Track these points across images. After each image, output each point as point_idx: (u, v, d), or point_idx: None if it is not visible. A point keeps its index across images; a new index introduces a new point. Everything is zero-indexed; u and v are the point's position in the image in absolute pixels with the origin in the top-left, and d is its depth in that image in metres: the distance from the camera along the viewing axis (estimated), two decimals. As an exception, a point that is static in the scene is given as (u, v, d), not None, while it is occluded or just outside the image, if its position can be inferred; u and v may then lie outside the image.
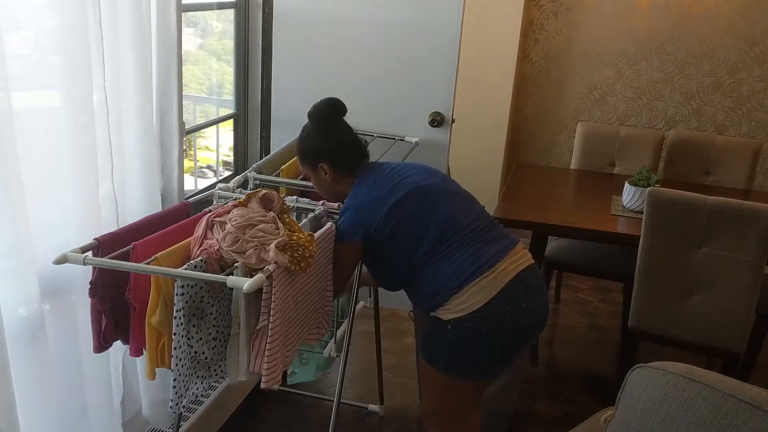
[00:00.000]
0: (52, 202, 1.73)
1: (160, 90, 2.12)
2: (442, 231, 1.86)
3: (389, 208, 1.86)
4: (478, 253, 1.85)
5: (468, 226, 1.89)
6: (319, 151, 1.97)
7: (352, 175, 1.98)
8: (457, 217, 1.90)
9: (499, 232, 1.95)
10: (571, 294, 4.06)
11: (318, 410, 2.81)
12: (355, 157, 2.00)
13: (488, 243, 1.89)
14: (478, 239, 1.88)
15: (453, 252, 1.85)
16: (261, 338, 1.64)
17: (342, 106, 1.99)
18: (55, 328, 1.77)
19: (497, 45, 4.05)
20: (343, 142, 1.98)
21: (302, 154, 2.02)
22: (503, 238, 1.93)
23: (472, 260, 1.84)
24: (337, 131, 1.99)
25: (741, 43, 3.97)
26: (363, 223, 1.88)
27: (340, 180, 1.99)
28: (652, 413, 1.38)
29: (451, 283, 1.83)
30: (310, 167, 2.00)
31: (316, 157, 1.98)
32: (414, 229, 1.87)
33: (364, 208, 1.90)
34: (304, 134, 2.01)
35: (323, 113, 1.97)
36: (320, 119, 1.98)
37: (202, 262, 1.62)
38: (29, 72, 1.66)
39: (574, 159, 3.77)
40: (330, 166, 1.97)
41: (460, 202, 1.96)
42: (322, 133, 1.98)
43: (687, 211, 2.50)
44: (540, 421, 2.86)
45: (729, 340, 2.59)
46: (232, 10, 2.89)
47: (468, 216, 1.92)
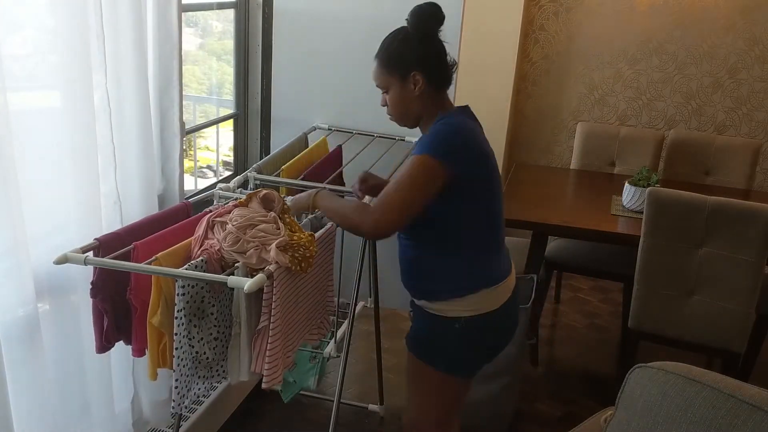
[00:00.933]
0: (53, 202, 1.73)
1: (161, 90, 2.12)
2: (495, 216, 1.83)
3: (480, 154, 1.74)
4: (500, 261, 1.86)
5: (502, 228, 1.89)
6: (417, 58, 1.74)
7: (441, 96, 1.79)
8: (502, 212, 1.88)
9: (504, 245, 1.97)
10: (571, 294, 4.07)
11: (318, 410, 2.81)
12: (449, 75, 1.80)
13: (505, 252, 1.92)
14: (501, 245, 1.89)
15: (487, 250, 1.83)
16: (262, 338, 1.64)
17: (443, 15, 1.76)
18: (56, 328, 1.77)
19: (497, 45, 4.05)
20: (441, 53, 1.77)
21: (394, 59, 1.76)
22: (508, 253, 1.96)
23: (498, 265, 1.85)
24: (437, 39, 1.77)
25: (741, 43, 3.97)
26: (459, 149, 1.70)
27: (427, 96, 1.77)
28: (652, 413, 1.38)
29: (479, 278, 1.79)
30: (399, 76, 1.76)
31: (412, 65, 1.74)
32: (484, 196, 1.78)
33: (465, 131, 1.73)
34: (400, 37, 1.77)
35: (429, 15, 1.74)
36: (425, 21, 1.74)
37: (203, 262, 1.62)
38: (29, 72, 1.66)
39: (574, 159, 3.77)
40: (424, 77, 1.74)
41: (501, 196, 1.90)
42: (424, 38, 1.75)
43: (687, 211, 2.50)
44: (540, 421, 2.86)
45: (729, 340, 2.59)
46: (232, 10, 2.89)
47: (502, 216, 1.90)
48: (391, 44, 1.78)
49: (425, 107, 1.79)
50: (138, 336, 1.72)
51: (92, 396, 1.90)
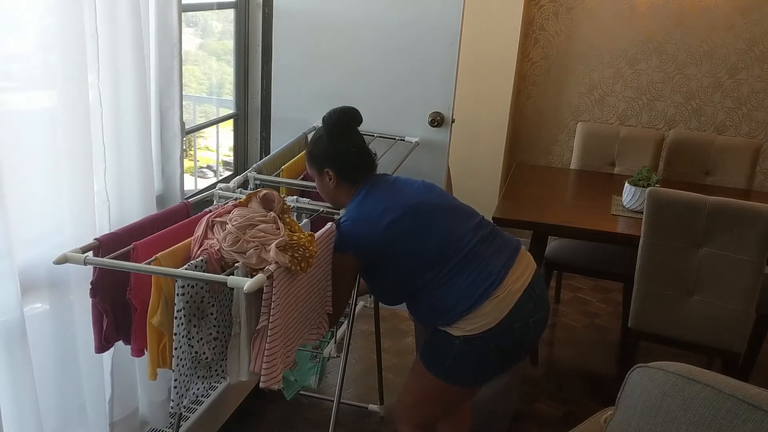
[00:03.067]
0: (46, 202, 1.72)
1: (161, 90, 2.12)
2: (442, 247, 1.85)
3: (386, 225, 1.85)
4: (485, 272, 1.83)
5: (469, 241, 1.87)
6: (327, 157, 1.96)
7: (354, 185, 1.97)
8: (455, 233, 1.87)
9: (501, 240, 1.93)
10: (571, 294, 4.07)
11: (318, 410, 2.81)
12: (361, 168, 1.98)
13: (493, 255, 1.87)
14: (481, 254, 1.86)
15: (460, 271, 1.83)
16: (261, 338, 1.64)
17: (357, 117, 1.98)
18: (53, 328, 1.77)
19: (497, 45, 4.05)
20: (351, 153, 1.97)
21: (310, 156, 2.00)
22: (506, 246, 1.92)
23: (481, 279, 1.82)
24: (348, 141, 1.97)
25: (741, 43, 3.97)
26: (360, 237, 1.87)
27: (342, 188, 1.97)
28: (652, 413, 1.38)
29: (462, 305, 1.82)
30: (316, 171, 1.99)
31: (322, 163, 1.96)
32: (411, 246, 1.86)
33: (361, 223, 1.89)
34: (315, 137, 2.01)
35: (337, 120, 1.96)
36: (333, 126, 1.96)
37: (203, 262, 1.62)
38: (22, 71, 1.66)
39: (574, 159, 3.77)
40: (335, 173, 1.95)
41: (457, 216, 1.94)
42: (333, 140, 1.96)
43: (687, 211, 2.50)
44: (540, 421, 2.86)
45: (729, 340, 2.59)
46: (232, 10, 2.89)
47: (467, 230, 1.89)
48: (311, 142, 2.02)
49: (344, 196, 1.98)
50: (137, 336, 1.72)
51: (87, 395, 1.89)
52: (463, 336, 1.84)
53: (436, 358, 1.93)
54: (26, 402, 1.64)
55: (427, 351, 1.97)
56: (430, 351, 1.96)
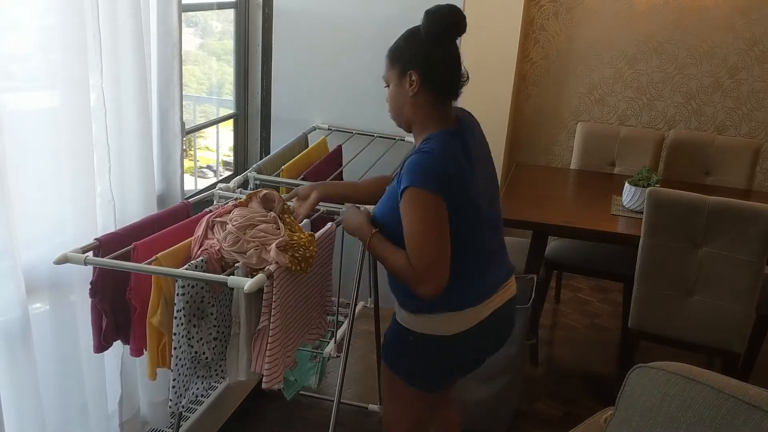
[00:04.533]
0: (49, 202, 1.73)
1: (161, 90, 2.12)
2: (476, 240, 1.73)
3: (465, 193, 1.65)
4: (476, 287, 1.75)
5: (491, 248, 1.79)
6: (419, 58, 1.66)
7: (437, 105, 1.70)
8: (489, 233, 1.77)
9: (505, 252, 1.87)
10: (571, 294, 4.07)
11: (318, 410, 2.81)
12: (452, 84, 1.70)
13: (497, 266, 1.81)
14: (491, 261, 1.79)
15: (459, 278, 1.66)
16: (262, 338, 1.64)
17: (463, 25, 1.67)
18: (53, 328, 1.77)
19: (497, 45, 4.05)
20: (451, 62, 1.69)
21: (397, 54, 1.70)
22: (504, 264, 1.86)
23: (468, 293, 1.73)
24: (448, 47, 1.69)
25: (741, 43, 3.97)
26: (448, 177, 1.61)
27: (421, 103, 1.69)
28: (652, 413, 1.38)
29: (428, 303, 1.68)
30: (399, 71, 1.69)
31: (410, 62, 1.67)
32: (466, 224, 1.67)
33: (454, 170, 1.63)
34: (410, 32, 1.70)
35: (444, 19, 1.65)
36: (438, 24, 1.65)
37: (203, 262, 1.62)
38: (25, 71, 1.66)
39: (574, 159, 3.77)
40: (420, 78, 1.66)
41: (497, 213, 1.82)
42: (432, 40, 1.66)
43: (687, 211, 2.50)
44: (540, 421, 2.86)
45: (729, 340, 2.59)
46: (232, 10, 2.89)
47: (497, 232, 1.81)
48: (402, 39, 1.72)
49: (417, 113, 1.71)
50: (137, 336, 1.72)
51: (89, 395, 1.90)
52: (417, 332, 1.74)
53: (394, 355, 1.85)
54: (28, 402, 1.65)
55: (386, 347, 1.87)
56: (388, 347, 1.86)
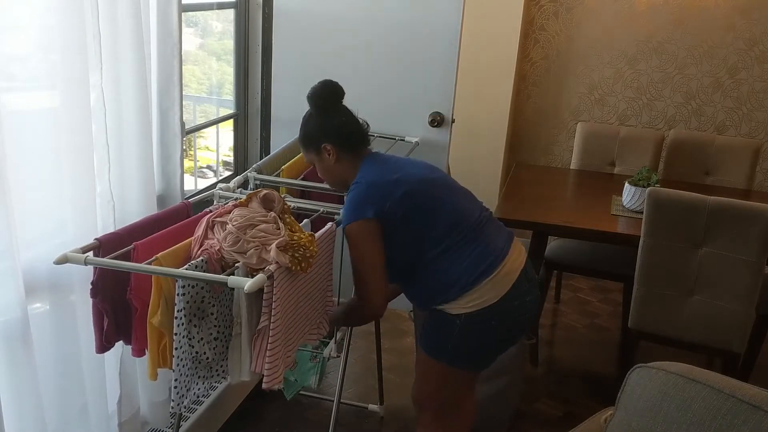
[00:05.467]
0: (49, 202, 1.73)
1: (161, 90, 2.12)
2: (452, 223, 1.87)
3: (402, 193, 1.85)
4: (488, 249, 1.87)
5: (476, 218, 1.92)
6: (322, 132, 1.94)
7: (356, 156, 1.95)
8: (464, 209, 1.92)
9: (498, 224, 2.00)
10: (571, 294, 4.07)
11: (318, 410, 2.81)
12: (358, 135, 1.98)
13: (495, 235, 1.93)
14: (485, 232, 1.91)
15: (464, 246, 1.86)
16: (262, 338, 1.64)
17: (340, 89, 1.97)
18: (54, 328, 1.77)
19: (497, 45, 4.05)
20: (344, 122, 1.96)
21: (306, 139, 1.98)
22: (503, 230, 1.98)
23: (485, 256, 1.86)
24: (338, 111, 1.97)
25: (741, 43, 3.97)
26: (375, 199, 1.85)
27: (345, 162, 1.95)
28: (652, 413, 1.39)
29: (465, 279, 1.84)
30: (315, 151, 1.96)
31: (319, 139, 1.94)
32: (424, 219, 1.87)
33: (375, 186, 1.87)
34: (306, 118, 1.99)
35: (323, 94, 1.95)
36: (320, 99, 1.95)
37: (203, 262, 1.62)
38: (24, 71, 1.66)
39: (574, 159, 3.77)
40: (333, 146, 1.93)
41: (463, 196, 1.98)
42: (323, 114, 1.95)
43: (687, 211, 2.50)
44: (540, 421, 2.86)
45: (729, 340, 2.59)
46: (232, 10, 2.89)
47: (473, 209, 1.94)
48: (303, 126, 1.99)
49: (347, 170, 1.95)
50: (138, 336, 1.72)
51: (90, 396, 1.90)
52: (464, 314, 1.85)
53: (438, 343, 1.94)
54: (28, 402, 1.65)
55: (427, 338, 1.98)
56: (431, 337, 1.97)
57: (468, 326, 1.87)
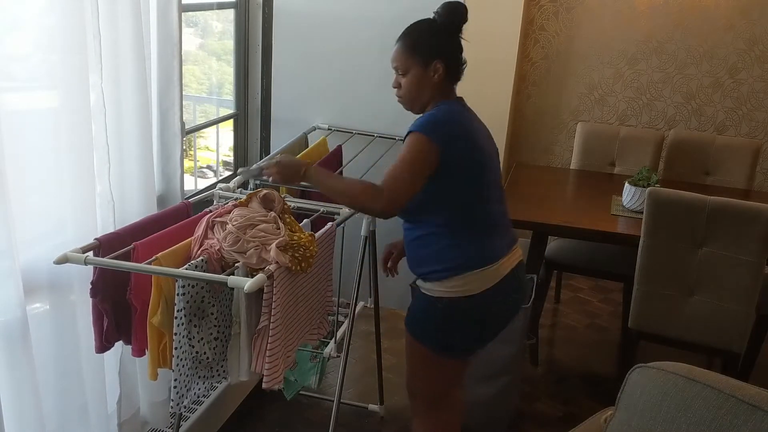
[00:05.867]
0: (49, 202, 1.73)
1: (161, 90, 2.12)
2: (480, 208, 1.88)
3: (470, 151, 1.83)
4: (494, 243, 1.89)
5: (496, 212, 1.93)
6: (444, 49, 1.86)
7: (450, 90, 1.91)
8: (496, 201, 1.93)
9: (509, 224, 2.01)
10: (571, 294, 4.07)
11: (318, 410, 2.81)
12: (461, 69, 1.91)
13: (505, 232, 1.95)
14: (497, 228, 1.93)
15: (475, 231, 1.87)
16: (262, 338, 1.64)
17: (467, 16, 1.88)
18: (54, 328, 1.77)
19: (497, 45, 4.05)
20: (460, 49, 1.89)
21: (419, 46, 1.85)
22: (510, 231, 2.00)
23: (486, 248, 1.87)
24: (458, 36, 1.89)
25: (741, 43, 3.97)
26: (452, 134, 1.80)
27: (442, 86, 1.88)
28: (652, 413, 1.39)
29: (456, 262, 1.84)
30: (422, 62, 1.85)
31: (436, 53, 1.84)
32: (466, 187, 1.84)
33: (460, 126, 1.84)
34: (428, 26, 1.87)
35: (458, 12, 1.85)
36: (454, 16, 1.85)
37: (203, 262, 1.62)
38: (24, 72, 1.66)
39: (574, 159, 3.77)
40: (445, 68, 1.85)
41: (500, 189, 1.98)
42: (450, 31, 1.87)
43: (687, 211, 2.50)
44: (540, 421, 2.86)
45: (729, 340, 2.59)
46: (232, 10, 2.89)
47: (499, 202, 1.95)
48: (420, 30, 1.88)
49: (434, 96, 1.88)
50: (138, 336, 1.72)
51: (89, 395, 1.90)
52: (446, 298, 1.86)
53: (421, 326, 1.95)
54: (28, 401, 1.65)
55: (412, 320, 1.97)
56: (414, 319, 1.97)
57: (447, 312, 1.87)
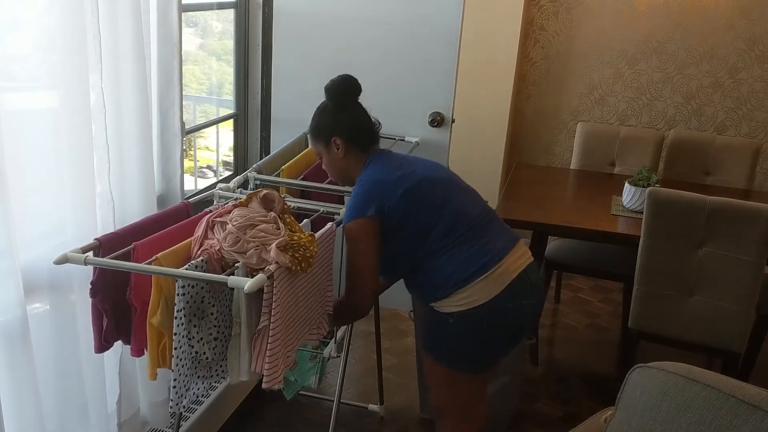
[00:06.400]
0: (49, 202, 1.73)
1: (161, 90, 2.12)
2: (452, 222, 1.87)
3: (403, 191, 1.86)
4: (485, 248, 1.87)
5: (476, 218, 1.92)
6: (334, 126, 1.95)
7: (364, 153, 1.97)
8: (466, 209, 1.92)
9: (503, 226, 1.99)
10: (571, 294, 4.07)
11: (318, 410, 2.81)
12: (369, 133, 1.99)
13: (496, 235, 1.93)
14: (486, 232, 1.91)
15: (462, 244, 1.86)
16: (262, 338, 1.64)
17: (358, 86, 1.98)
18: (54, 328, 1.77)
19: (497, 45, 4.05)
20: (357, 118, 1.98)
21: (317, 130, 1.98)
22: (507, 232, 1.98)
23: (480, 255, 1.86)
24: (353, 107, 1.98)
25: (741, 43, 3.97)
26: (377, 198, 1.86)
27: (351, 158, 1.96)
28: (652, 413, 1.39)
29: (457, 277, 1.84)
30: (324, 143, 1.97)
31: (330, 132, 1.95)
32: (425, 218, 1.87)
33: (379, 185, 1.89)
34: (320, 109, 1.99)
35: (340, 88, 1.96)
36: (337, 93, 1.96)
37: (203, 262, 1.62)
38: (24, 71, 1.66)
39: (574, 159, 3.77)
40: (344, 141, 1.94)
41: (468, 195, 1.98)
42: (338, 108, 1.96)
43: (687, 211, 2.50)
44: (540, 421, 2.86)
45: (729, 340, 2.59)
46: (232, 10, 2.89)
47: (476, 209, 1.94)
48: (314, 117, 2.00)
49: (353, 167, 1.97)
50: (137, 336, 1.72)
51: (89, 395, 1.90)
52: (456, 312, 1.85)
53: (435, 343, 1.96)
54: (27, 401, 1.64)
55: (426, 338, 1.99)
56: (429, 337, 1.98)
57: (460, 326, 1.87)
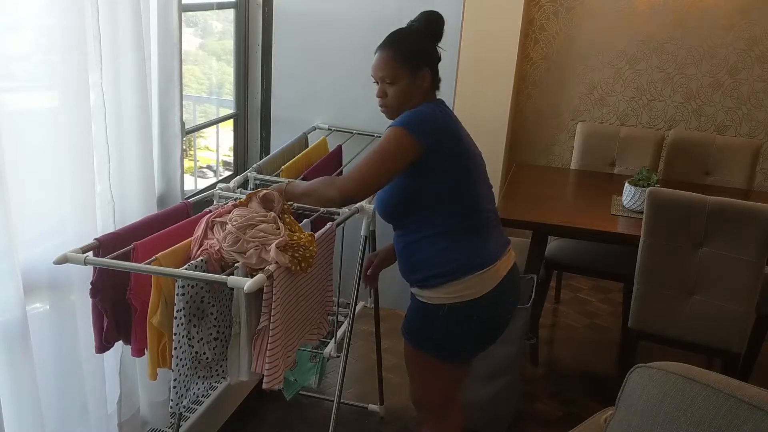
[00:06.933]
0: (49, 202, 1.73)
1: (161, 90, 2.12)
2: (470, 206, 1.87)
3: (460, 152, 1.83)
4: (487, 246, 1.88)
5: (489, 213, 1.93)
6: (431, 57, 1.88)
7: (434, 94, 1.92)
8: (485, 201, 1.93)
9: (500, 227, 2.01)
10: (571, 294, 4.07)
11: (318, 410, 2.81)
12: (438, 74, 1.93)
13: (499, 235, 1.95)
14: (491, 229, 1.92)
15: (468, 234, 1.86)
16: (262, 338, 1.64)
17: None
18: (54, 328, 1.78)
19: (497, 45, 4.05)
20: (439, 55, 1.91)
21: (410, 54, 1.85)
22: (502, 235, 1.99)
23: (481, 251, 1.86)
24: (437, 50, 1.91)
25: (741, 43, 3.97)
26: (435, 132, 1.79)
27: (425, 95, 1.88)
28: (652, 413, 1.38)
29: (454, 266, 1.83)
30: (411, 68, 1.84)
31: (426, 61, 1.86)
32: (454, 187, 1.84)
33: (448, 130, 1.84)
34: (416, 34, 1.88)
35: (441, 25, 1.89)
36: (438, 28, 1.89)
37: (203, 262, 1.62)
38: (24, 71, 1.66)
39: (574, 159, 3.77)
40: (431, 76, 1.88)
41: (489, 189, 1.98)
42: (433, 42, 1.89)
43: (687, 211, 2.50)
44: (540, 421, 2.86)
45: (729, 340, 2.59)
46: (232, 10, 2.89)
47: (491, 205, 1.96)
48: (406, 39, 1.87)
49: (421, 102, 1.88)
50: (137, 336, 1.72)
51: (89, 395, 1.90)
52: (447, 305, 1.84)
53: (420, 333, 1.93)
54: (27, 401, 1.65)
55: (409, 327, 1.95)
56: (413, 326, 1.94)
57: (450, 318, 1.85)
